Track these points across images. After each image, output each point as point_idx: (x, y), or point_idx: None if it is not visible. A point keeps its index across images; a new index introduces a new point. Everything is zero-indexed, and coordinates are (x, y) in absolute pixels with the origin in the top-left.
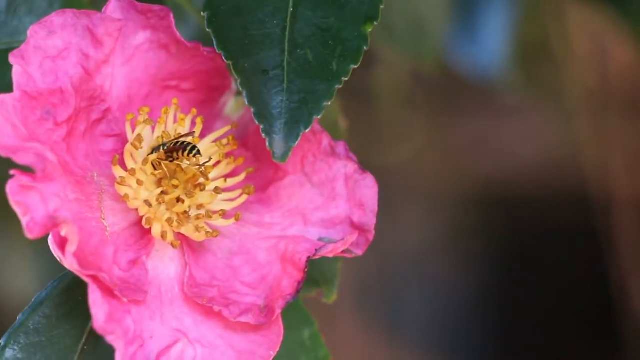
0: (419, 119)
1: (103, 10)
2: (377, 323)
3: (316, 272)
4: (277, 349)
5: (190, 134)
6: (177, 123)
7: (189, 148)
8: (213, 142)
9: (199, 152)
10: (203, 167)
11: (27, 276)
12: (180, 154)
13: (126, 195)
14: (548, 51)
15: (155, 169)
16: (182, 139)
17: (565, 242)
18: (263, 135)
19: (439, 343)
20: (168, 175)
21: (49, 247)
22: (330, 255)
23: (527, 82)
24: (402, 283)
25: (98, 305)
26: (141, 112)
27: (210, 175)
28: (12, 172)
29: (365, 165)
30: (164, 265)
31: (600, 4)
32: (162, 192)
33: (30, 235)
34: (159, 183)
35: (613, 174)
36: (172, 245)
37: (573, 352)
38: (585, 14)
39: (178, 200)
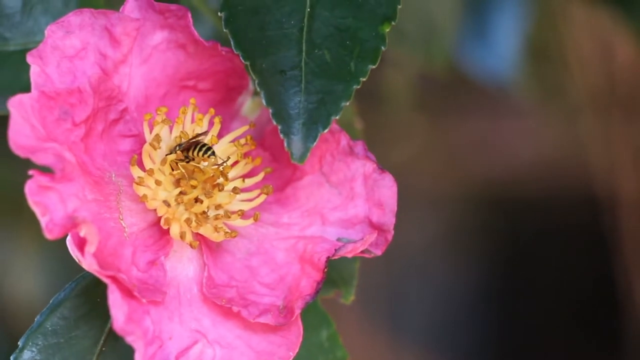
0: (419, 119)
1: (121, 9)
2: (377, 322)
3: (334, 272)
4: (297, 350)
5: (204, 133)
6: (194, 123)
7: (204, 149)
8: (231, 142)
9: (213, 153)
10: (222, 167)
11: (32, 277)
12: (194, 153)
13: (144, 196)
14: (552, 51)
15: (173, 169)
16: (197, 139)
17: (566, 242)
18: (281, 136)
19: (439, 342)
20: (186, 176)
21: (53, 248)
22: (350, 256)
23: (533, 82)
24: (403, 282)
25: (117, 306)
26: (159, 112)
27: (229, 176)
28: (30, 172)
29: None
30: (183, 266)
31: (604, 4)
32: (181, 193)
33: (49, 235)
34: (177, 183)
35: (617, 173)
36: (191, 245)
37: (574, 352)
38: (589, 14)
39: (197, 200)
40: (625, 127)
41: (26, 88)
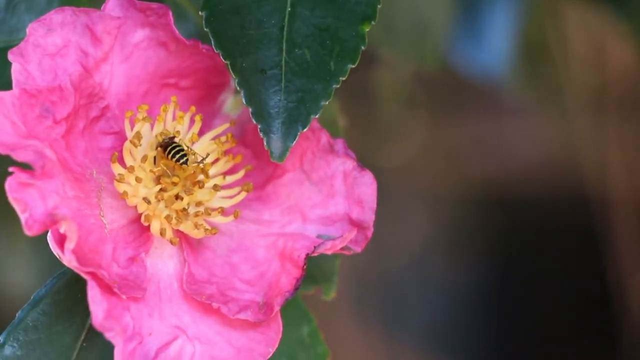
0: (419, 119)
1: (102, 7)
2: (376, 322)
3: (315, 269)
4: (276, 346)
5: (174, 138)
6: (176, 121)
7: (177, 155)
8: (212, 139)
9: (186, 161)
10: (202, 165)
11: (25, 272)
12: (169, 156)
13: (125, 193)
14: (547, 51)
15: (154, 166)
16: (173, 140)
17: (565, 242)
18: (261, 134)
19: (438, 343)
20: (168, 173)
21: (47, 243)
22: (329, 253)
23: (527, 82)
24: (402, 282)
25: (97, 303)
26: (140, 110)
27: (210, 173)
28: (11, 169)
29: (365, 165)
30: (163, 262)
31: (599, 4)
32: (161, 189)
33: (29, 232)
34: (157, 180)
35: (612, 174)
36: (171, 242)
37: (572, 351)
38: (583, 13)
39: (177, 197)
40: (619, 128)
41: (8, 85)
